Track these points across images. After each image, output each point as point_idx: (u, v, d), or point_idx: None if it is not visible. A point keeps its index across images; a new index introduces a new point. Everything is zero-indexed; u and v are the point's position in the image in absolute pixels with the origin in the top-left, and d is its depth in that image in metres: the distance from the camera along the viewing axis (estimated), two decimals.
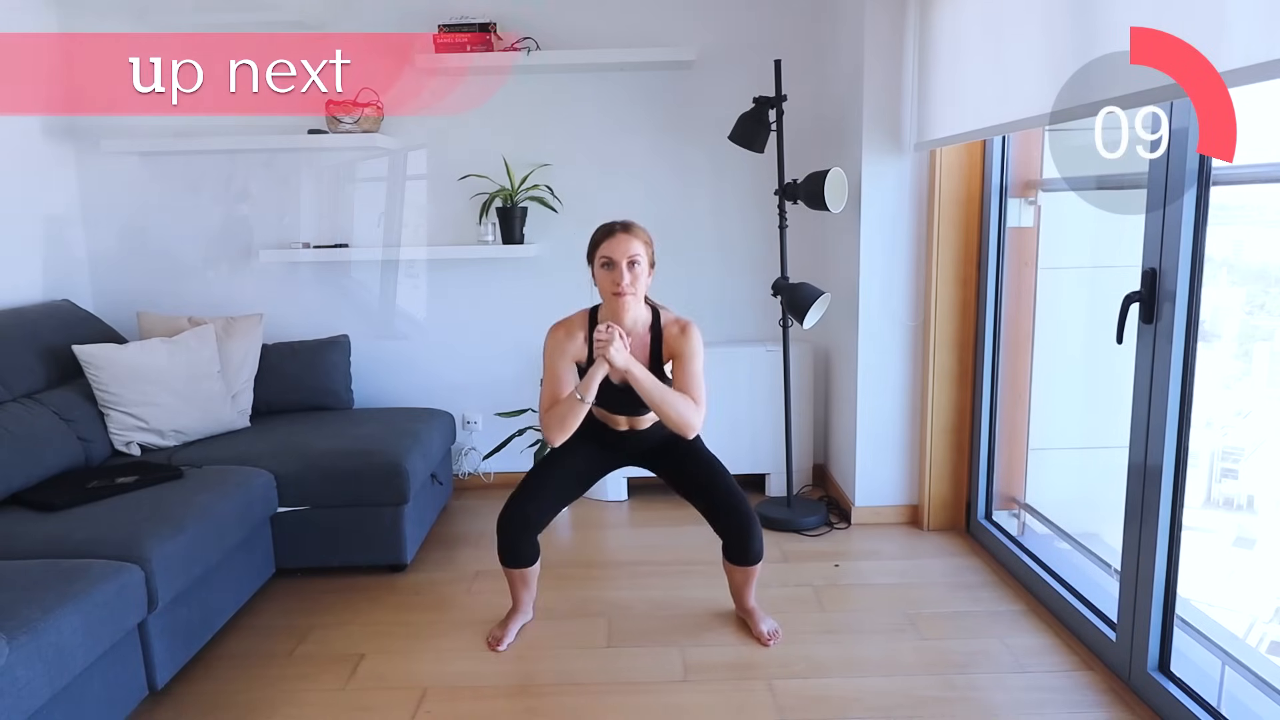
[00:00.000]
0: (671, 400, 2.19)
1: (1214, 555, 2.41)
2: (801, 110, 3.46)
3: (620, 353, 2.14)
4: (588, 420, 2.39)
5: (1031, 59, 2.27)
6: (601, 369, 2.16)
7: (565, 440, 2.25)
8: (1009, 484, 3.12)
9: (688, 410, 2.20)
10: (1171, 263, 1.94)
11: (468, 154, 3.57)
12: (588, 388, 2.17)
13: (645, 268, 2.23)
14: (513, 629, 2.46)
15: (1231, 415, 2.48)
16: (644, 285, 2.24)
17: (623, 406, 2.32)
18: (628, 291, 2.18)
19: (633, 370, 2.16)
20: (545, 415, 2.25)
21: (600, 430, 2.42)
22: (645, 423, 2.38)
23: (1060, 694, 2.17)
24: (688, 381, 2.24)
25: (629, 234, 2.20)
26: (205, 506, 2.38)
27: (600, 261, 2.21)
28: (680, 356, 2.26)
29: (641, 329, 2.29)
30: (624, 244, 2.18)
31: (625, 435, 2.43)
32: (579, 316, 2.33)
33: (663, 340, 2.28)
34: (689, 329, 2.27)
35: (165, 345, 3.01)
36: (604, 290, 2.23)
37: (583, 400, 2.18)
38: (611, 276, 2.19)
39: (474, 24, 3.36)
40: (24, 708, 1.65)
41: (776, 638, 2.43)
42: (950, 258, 3.06)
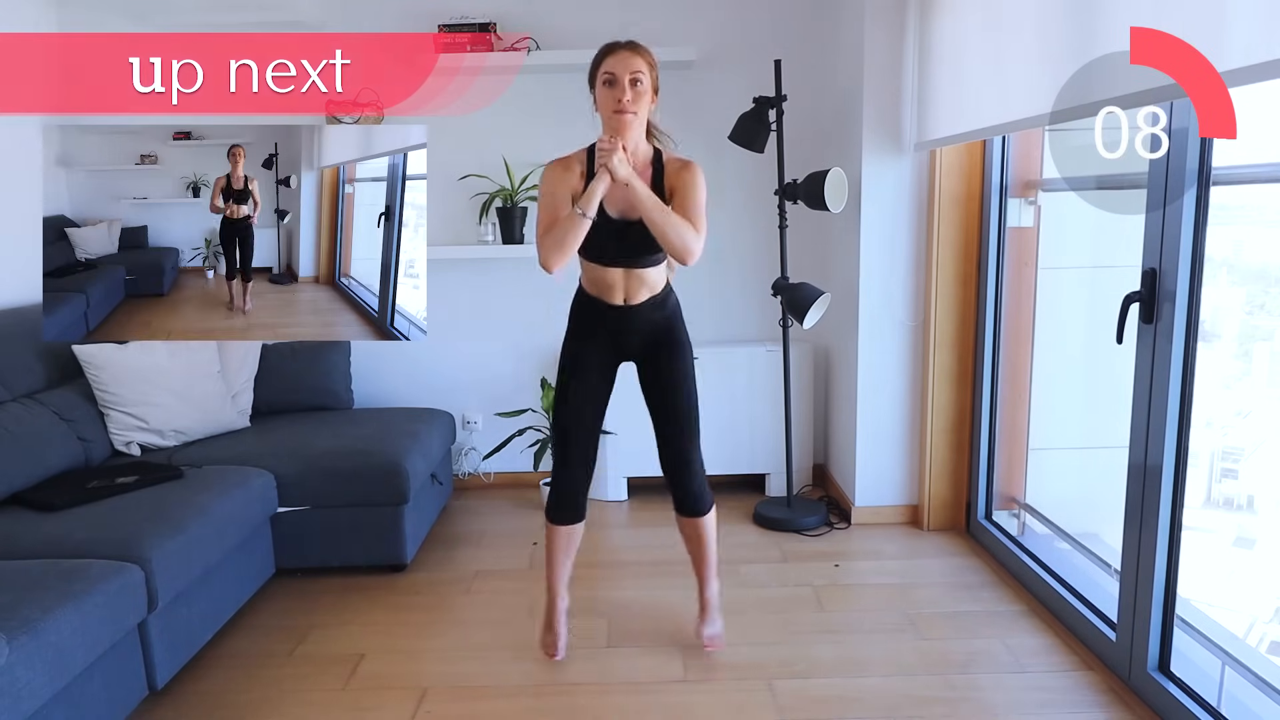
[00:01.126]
0: (673, 220, 2.08)
1: (1214, 555, 2.41)
2: (801, 110, 3.46)
3: (623, 164, 2.04)
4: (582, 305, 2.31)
5: (1031, 59, 2.27)
6: (603, 182, 2.06)
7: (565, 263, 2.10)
8: (1009, 484, 3.12)
9: (687, 233, 2.09)
10: (1171, 263, 1.94)
11: (468, 154, 3.57)
12: (589, 201, 2.06)
13: (649, 88, 2.12)
14: (560, 625, 2.39)
15: (1231, 415, 2.48)
16: (646, 108, 2.15)
17: (619, 249, 2.20)
18: (629, 109, 2.09)
19: (634, 184, 2.05)
20: (543, 239, 2.11)
21: (595, 315, 2.29)
22: (641, 293, 2.25)
23: (1060, 694, 2.17)
24: (689, 211, 2.13)
25: (633, 51, 2.11)
26: (205, 506, 2.38)
27: (603, 78, 2.12)
28: (681, 190, 2.16)
29: (643, 161, 2.18)
30: (627, 60, 2.10)
31: (621, 314, 2.27)
32: (577, 152, 2.25)
33: (664, 175, 2.20)
34: (692, 165, 2.19)
35: (165, 345, 3.01)
36: (605, 109, 2.14)
37: (584, 215, 2.06)
38: (613, 94, 2.10)
39: (474, 24, 3.36)
40: (24, 708, 1.65)
41: (715, 645, 2.38)
42: (950, 258, 3.06)
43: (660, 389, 2.31)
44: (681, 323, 2.34)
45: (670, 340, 2.30)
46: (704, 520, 2.37)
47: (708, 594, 2.43)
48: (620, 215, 2.15)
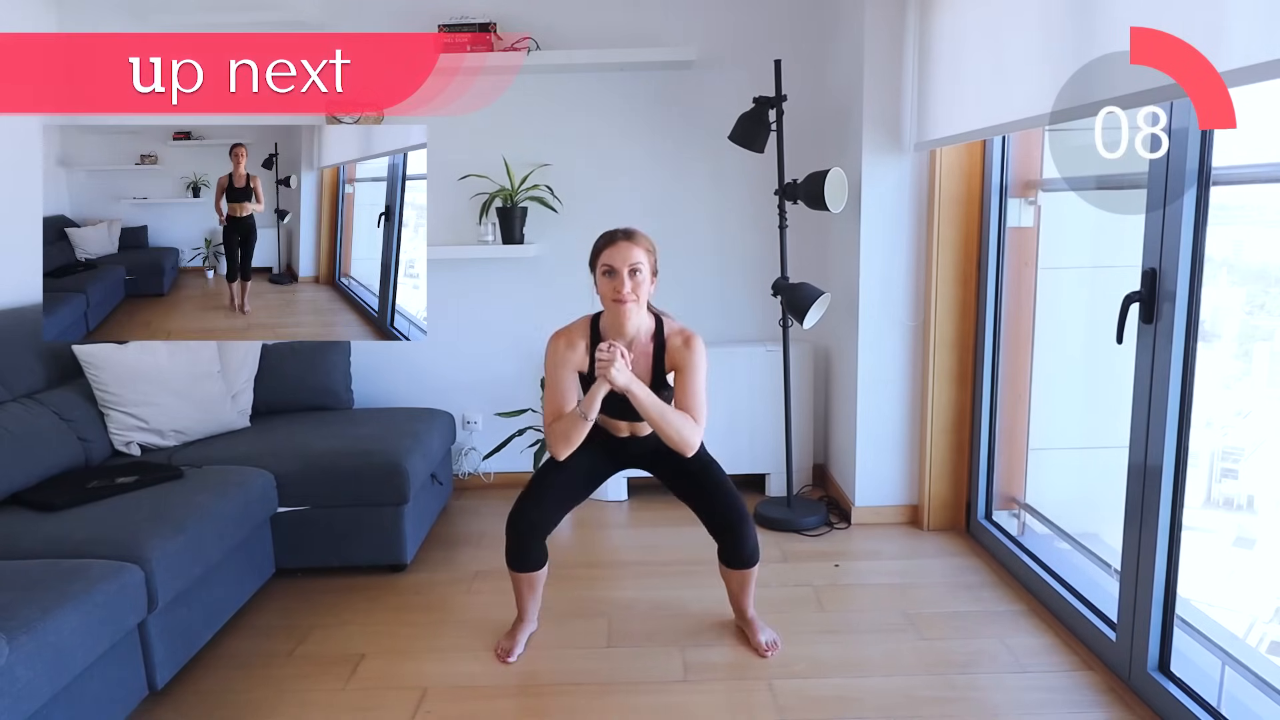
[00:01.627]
0: (671, 419, 2.20)
1: (1214, 555, 2.41)
2: (801, 110, 3.46)
3: (621, 373, 2.13)
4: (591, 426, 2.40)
5: (1031, 59, 2.27)
6: (603, 388, 2.16)
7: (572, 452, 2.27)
8: (1009, 484, 3.12)
9: (686, 429, 2.21)
10: (1171, 263, 1.94)
11: (468, 154, 3.58)
12: (590, 406, 2.18)
13: (647, 275, 2.21)
14: (521, 639, 2.43)
15: (1231, 415, 2.48)
16: (646, 293, 2.23)
17: (624, 414, 2.32)
18: (629, 299, 2.17)
19: (633, 390, 2.16)
20: (549, 430, 2.26)
21: (602, 435, 2.42)
22: (646, 429, 2.37)
23: (1060, 694, 2.17)
24: (689, 398, 2.24)
25: (631, 241, 2.19)
26: (205, 506, 2.38)
27: (602, 269, 2.20)
28: (683, 370, 2.25)
29: (644, 338, 2.28)
30: (626, 251, 2.17)
31: (626, 440, 2.43)
32: (580, 325, 2.32)
33: (665, 350, 2.28)
34: (693, 341, 2.26)
35: (165, 345, 3.01)
36: (605, 298, 2.22)
37: (585, 418, 2.20)
38: (613, 284, 2.18)
39: (474, 24, 3.36)
40: (24, 708, 1.65)
41: (775, 649, 2.40)
42: (950, 258, 3.06)
43: (684, 477, 2.39)
44: None
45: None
46: (753, 570, 2.41)
47: (749, 614, 2.47)
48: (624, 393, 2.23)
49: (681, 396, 2.25)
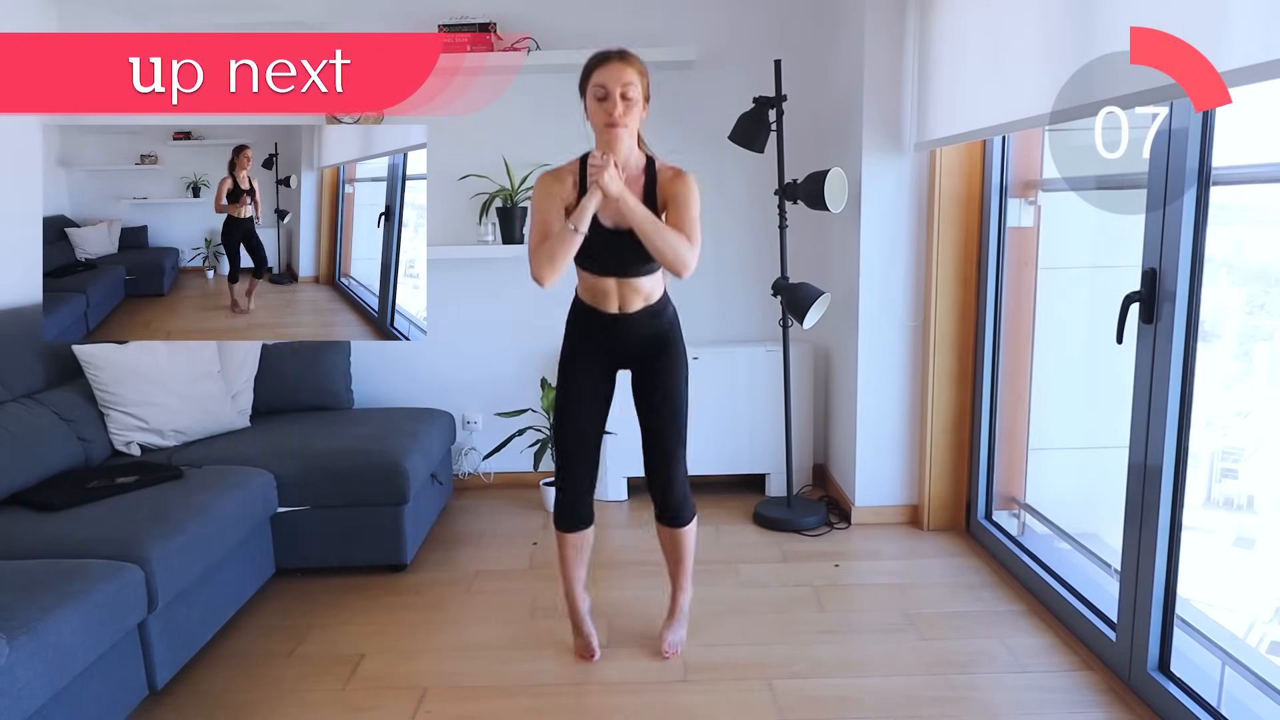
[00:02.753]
0: (665, 233, 2.08)
1: (1214, 555, 2.41)
2: (801, 110, 3.46)
3: (614, 180, 2.02)
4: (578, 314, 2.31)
5: (1031, 59, 2.27)
6: (595, 198, 2.05)
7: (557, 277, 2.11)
8: (1009, 484, 3.12)
9: (681, 245, 2.09)
10: (1171, 263, 1.94)
11: (468, 154, 3.58)
12: (581, 216, 2.06)
13: (640, 100, 2.10)
14: (590, 628, 2.39)
15: (1231, 415, 2.48)
16: (637, 118, 2.13)
17: (613, 259, 2.19)
18: (621, 123, 2.07)
19: (625, 199, 2.04)
20: (535, 253, 2.11)
21: (591, 323, 2.29)
22: (635, 301, 2.24)
23: (1060, 694, 2.17)
24: (683, 223, 2.13)
25: (624, 62, 2.07)
26: (205, 506, 2.38)
27: (593, 92, 2.09)
28: (675, 201, 2.15)
29: (635, 170, 2.17)
30: (618, 72, 2.06)
31: (616, 322, 2.26)
32: (569, 164, 2.23)
33: (657, 185, 2.19)
34: (684, 174, 2.18)
35: (165, 345, 3.01)
36: (596, 122, 2.12)
37: (575, 230, 2.06)
38: (604, 108, 2.07)
39: (474, 24, 3.36)
40: (24, 708, 1.65)
41: (673, 655, 2.37)
42: (950, 258, 3.06)
43: (652, 397, 2.30)
44: (678, 332, 2.33)
45: (666, 349, 2.30)
46: (685, 531, 2.37)
47: (680, 600, 2.44)
48: (614, 226, 2.14)
49: (675, 223, 2.14)
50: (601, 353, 2.30)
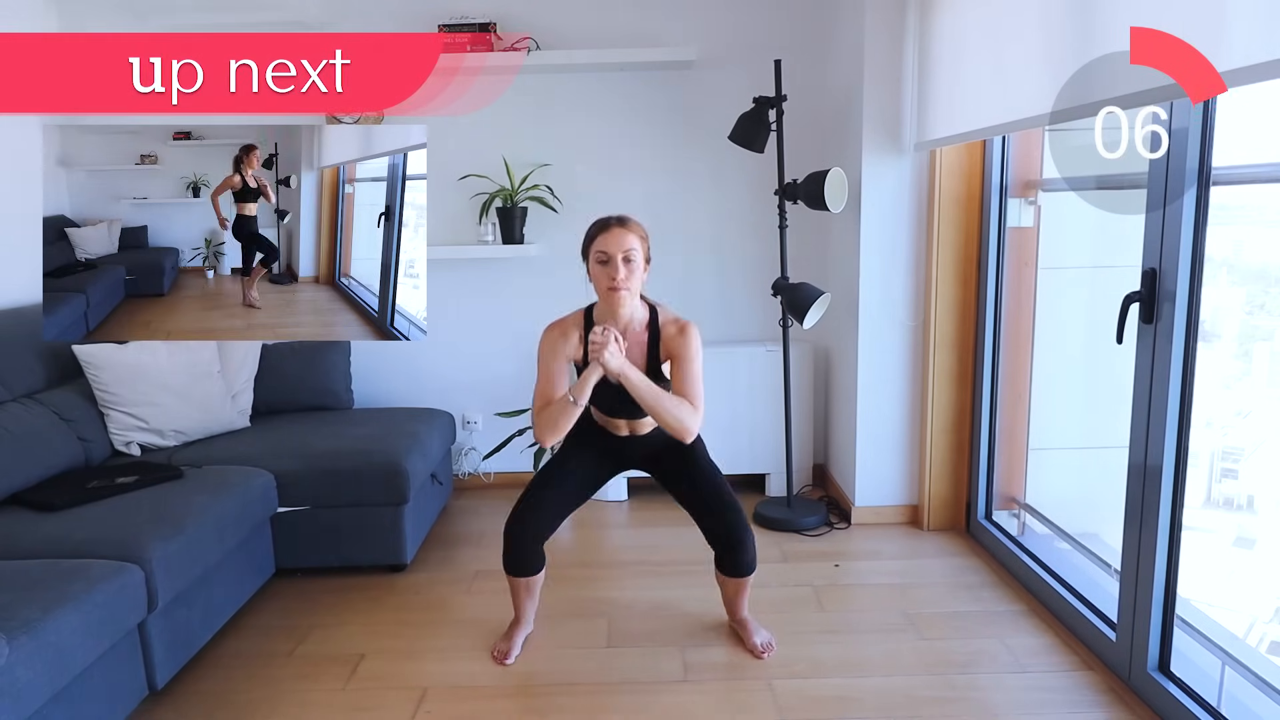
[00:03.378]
0: (667, 404, 2.16)
1: (1214, 555, 2.41)
2: (801, 110, 3.46)
3: (615, 357, 2.11)
4: (588, 425, 2.38)
5: (1031, 59, 2.27)
6: (596, 372, 2.13)
7: (559, 440, 2.23)
8: (1009, 484, 3.12)
9: (684, 414, 2.17)
10: (1171, 263, 1.94)
11: (468, 154, 3.58)
12: (581, 391, 2.15)
13: (641, 263, 2.18)
14: (517, 641, 2.42)
15: (1231, 415, 2.48)
16: (639, 281, 2.20)
17: (620, 409, 2.31)
18: (623, 286, 2.14)
19: (627, 374, 2.12)
20: (537, 416, 2.21)
21: (600, 435, 2.41)
22: (646, 427, 2.36)
23: (1060, 694, 2.17)
24: (686, 384, 2.20)
25: (624, 228, 2.16)
26: (205, 506, 2.38)
27: (595, 257, 2.17)
28: (678, 358, 2.22)
29: (638, 327, 2.25)
30: (619, 238, 2.14)
31: (626, 440, 2.41)
32: (574, 316, 2.30)
33: (660, 340, 2.25)
34: (688, 329, 2.23)
35: (165, 345, 3.01)
36: (599, 286, 2.19)
37: (575, 403, 2.15)
38: (607, 272, 2.14)
39: (474, 24, 3.36)
40: (24, 708, 1.65)
41: (770, 650, 2.39)
42: (950, 258, 3.06)
43: (683, 485, 2.38)
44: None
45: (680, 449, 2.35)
46: (750, 578, 2.41)
47: (742, 615, 2.47)
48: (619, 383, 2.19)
49: (678, 384, 2.21)
50: (603, 459, 2.42)
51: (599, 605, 2.69)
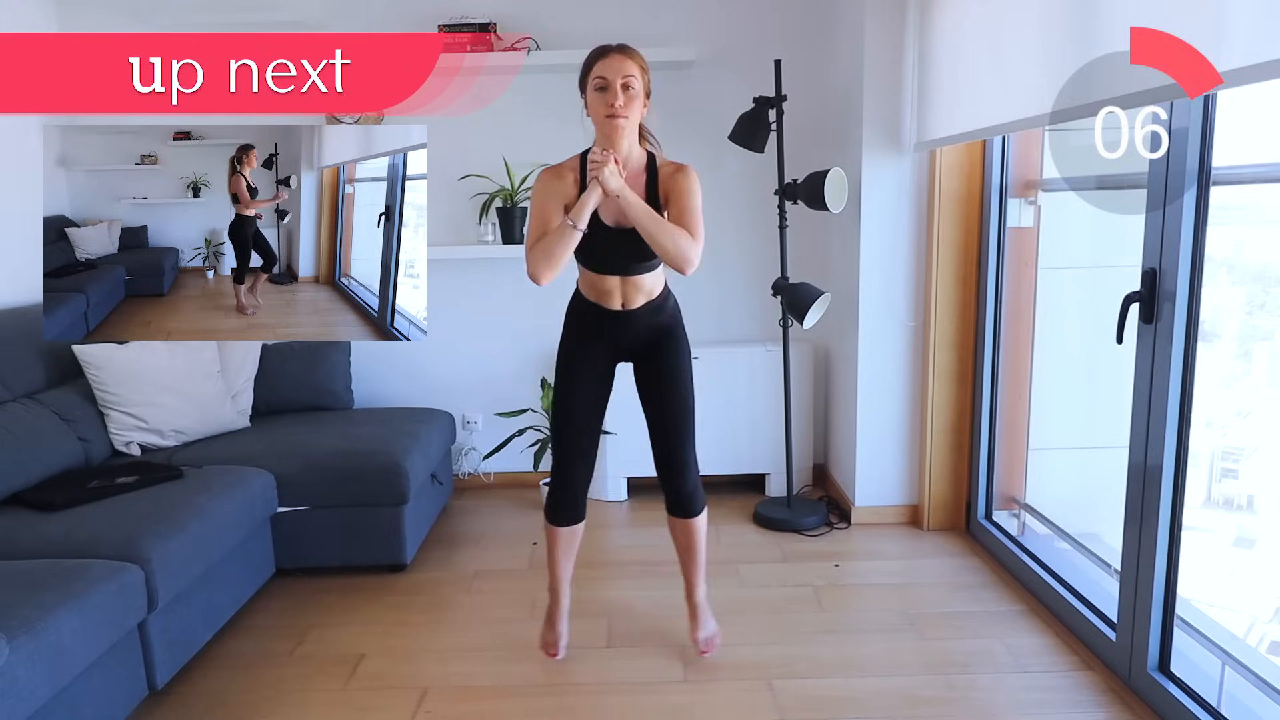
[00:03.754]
0: (666, 228, 2.05)
1: (1214, 555, 2.41)
2: (801, 110, 3.46)
3: (614, 176, 2.01)
4: (578, 307, 2.30)
5: (1031, 59, 2.27)
6: (594, 194, 2.04)
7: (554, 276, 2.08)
8: (1009, 484, 3.12)
9: (683, 240, 2.06)
10: (1171, 263, 1.94)
11: (468, 154, 3.57)
12: (580, 213, 2.04)
13: (640, 93, 2.08)
14: (562, 625, 2.39)
15: (1231, 415, 2.48)
16: (639, 113, 2.12)
17: (615, 257, 2.18)
18: (621, 114, 2.05)
19: (626, 196, 2.02)
20: (532, 250, 2.08)
21: (592, 318, 2.28)
22: (639, 296, 2.24)
23: (1060, 694, 2.17)
24: (685, 216, 2.11)
25: (624, 54, 2.07)
26: (205, 506, 2.38)
27: (593, 83, 2.08)
28: (676, 195, 2.13)
29: (636, 166, 2.16)
30: (618, 64, 2.05)
31: (618, 318, 2.26)
32: (570, 160, 2.22)
33: (658, 180, 2.17)
34: (686, 169, 2.17)
35: (165, 345, 3.01)
36: (597, 115, 2.10)
37: (574, 227, 2.04)
38: (605, 99, 2.05)
39: (474, 24, 3.36)
40: (24, 708, 1.65)
41: (712, 647, 2.37)
42: (950, 258, 3.06)
43: (657, 388, 2.30)
44: (680, 325, 2.33)
45: (668, 342, 2.29)
46: (695, 521, 2.36)
47: (697, 597, 2.42)
48: (616, 223, 2.13)
49: (677, 217, 2.11)
50: (602, 348, 2.30)
51: (599, 605, 2.69)
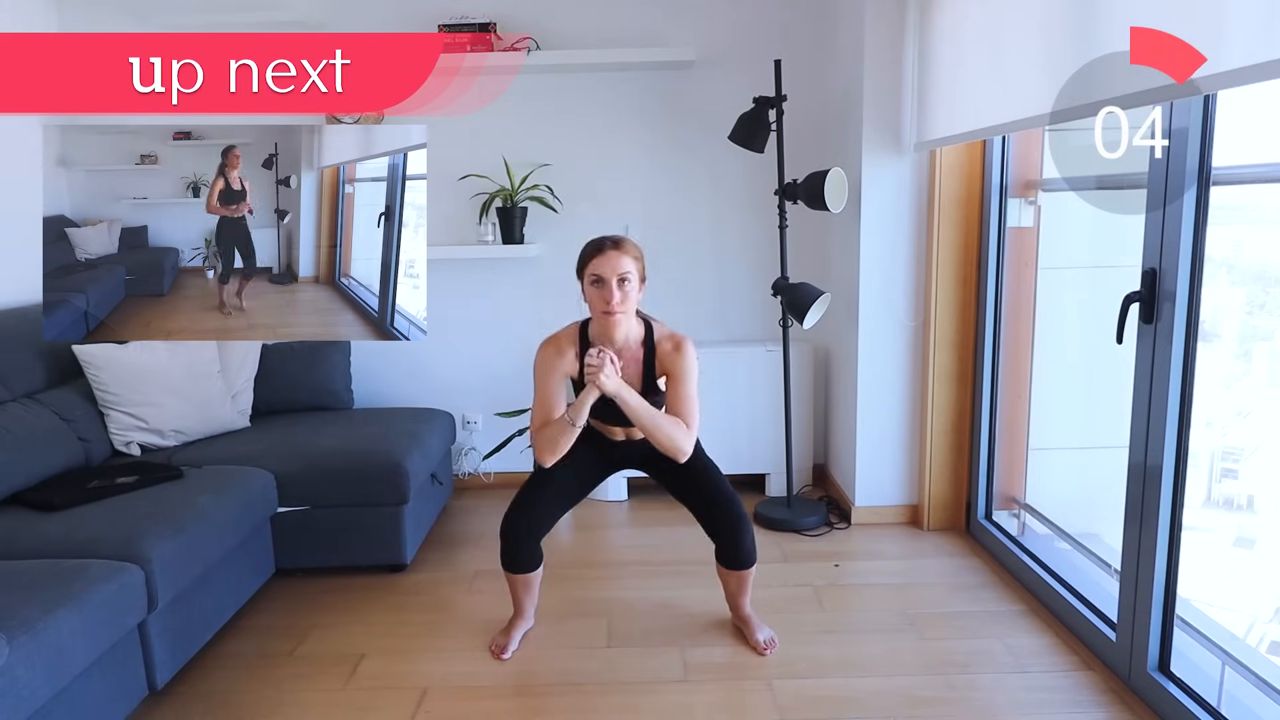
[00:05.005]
0: (662, 425, 2.19)
1: (1214, 555, 2.41)
2: (801, 110, 3.46)
3: (611, 379, 2.12)
4: (585, 429, 2.38)
5: (1031, 59, 2.27)
6: (592, 395, 2.15)
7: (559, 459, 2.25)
8: (1009, 484, 3.12)
9: (678, 435, 2.20)
10: (1171, 263, 1.94)
11: (468, 154, 3.58)
12: (578, 412, 2.17)
13: (636, 284, 2.18)
14: (515, 636, 2.44)
15: (1231, 415, 2.48)
16: (634, 302, 2.21)
17: (617, 419, 2.30)
18: (618, 310, 2.15)
19: (623, 396, 2.15)
20: (536, 436, 2.24)
21: (597, 438, 2.42)
22: (641, 433, 2.35)
23: (1060, 694, 2.17)
24: (681, 404, 2.23)
25: (619, 250, 2.16)
26: (205, 506, 2.38)
27: (590, 279, 2.18)
28: (673, 376, 2.24)
29: (634, 345, 2.27)
30: (614, 261, 2.15)
31: (621, 443, 2.43)
32: (569, 332, 2.31)
33: (656, 356, 2.27)
34: (683, 345, 2.25)
35: (165, 345, 3.01)
36: (594, 308, 2.20)
37: (573, 425, 2.18)
38: (601, 295, 2.16)
39: (474, 24, 3.36)
40: (24, 708, 1.65)
41: (773, 647, 2.40)
42: (950, 258, 3.06)
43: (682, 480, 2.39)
44: None
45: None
46: (751, 570, 2.41)
47: (744, 611, 2.47)
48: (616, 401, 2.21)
49: (673, 402, 2.24)
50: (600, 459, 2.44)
51: (599, 605, 2.69)
